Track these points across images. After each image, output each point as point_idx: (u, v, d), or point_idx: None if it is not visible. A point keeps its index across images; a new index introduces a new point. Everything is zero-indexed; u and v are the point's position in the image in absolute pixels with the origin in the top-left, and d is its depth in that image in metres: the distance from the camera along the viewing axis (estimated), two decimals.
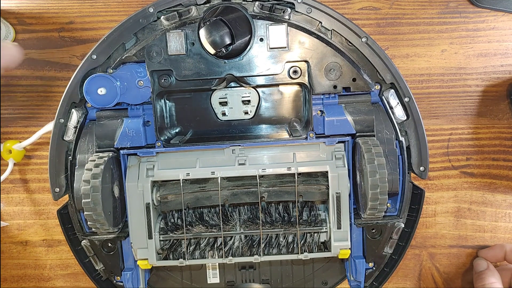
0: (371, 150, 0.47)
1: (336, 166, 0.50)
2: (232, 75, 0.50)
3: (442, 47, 0.61)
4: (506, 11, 0.60)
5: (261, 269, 0.58)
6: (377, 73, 0.50)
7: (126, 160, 0.52)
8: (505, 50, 0.61)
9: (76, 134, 0.51)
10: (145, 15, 0.49)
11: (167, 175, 0.51)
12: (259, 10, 0.49)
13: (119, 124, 0.51)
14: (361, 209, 0.51)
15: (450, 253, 0.63)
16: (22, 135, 0.62)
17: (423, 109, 0.61)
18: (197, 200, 0.52)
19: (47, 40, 0.61)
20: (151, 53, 0.49)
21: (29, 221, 0.63)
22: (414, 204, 0.52)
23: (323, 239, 0.52)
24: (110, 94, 0.50)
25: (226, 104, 0.54)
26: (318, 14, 0.49)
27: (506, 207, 0.63)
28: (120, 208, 0.52)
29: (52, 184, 0.52)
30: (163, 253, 0.53)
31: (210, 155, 0.52)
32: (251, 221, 0.52)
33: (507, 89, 0.61)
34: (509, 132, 0.62)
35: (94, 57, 0.50)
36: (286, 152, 0.52)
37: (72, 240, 0.53)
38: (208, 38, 0.48)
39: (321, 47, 0.50)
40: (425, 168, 0.51)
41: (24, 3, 0.61)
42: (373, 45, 0.49)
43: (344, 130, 0.51)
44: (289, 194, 0.52)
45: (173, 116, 0.54)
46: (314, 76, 0.50)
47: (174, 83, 0.51)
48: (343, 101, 0.51)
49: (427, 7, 0.60)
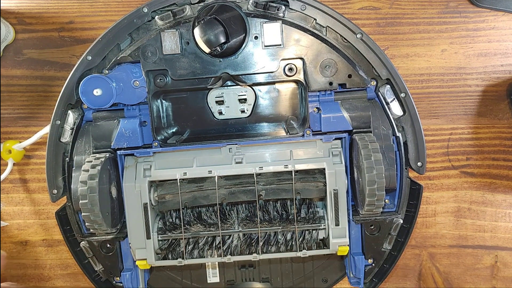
0: (368, 146, 0.47)
1: (333, 163, 0.50)
2: (227, 73, 0.50)
3: (442, 47, 0.61)
4: (506, 11, 0.59)
5: (261, 268, 0.58)
6: (372, 69, 0.50)
7: (123, 160, 0.52)
8: (505, 50, 0.61)
9: (72, 135, 0.52)
10: (140, 15, 0.49)
11: (164, 175, 0.51)
12: (253, 8, 0.49)
13: (115, 124, 0.51)
14: (359, 205, 0.51)
15: (450, 253, 0.63)
16: (22, 135, 0.62)
17: (423, 109, 0.61)
18: (195, 199, 0.52)
19: (47, 40, 0.61)
20: (146, 53, 0.49)
21: (29, 221, 0.64)
22: (413, 199, 0.52)
23: (321, 236, 0.52)
24: (106, 95, 0.50)
25: (222, 103, 0.54)
26: (313, 11, 0.49)
27: (506, 207, 0.62)
28: (118, 208, 0.52)
29: (49, 186, 0.52)
30: (162, 253, 0.53)
31: (207, 154, 0.52)
32: (249, 219, 0.52)
33: (507, 89, 0.61)
34: (509, 132, 0.62)
35: (89, 58, 0.50)
36: (283, 149, 0.52)
37: (71, 241, 0.53)
38: (202, 37, 0.48)
39: (316, 44, 0.50)
40: (422, 164, 0.51)
41: (24, 3, 0.61)
42: (368, 41, 0.49)
43: (341, 126, 0.51)
44: (287, 191, 0.52)
45: (169, 116, 0.54)
46: (309, 73, 0.50)
47: (169, 82, 0.51)
48: (339, 98, 0.51)
49: (427, 7, 0.60)
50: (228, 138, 0.51)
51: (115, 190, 0.52)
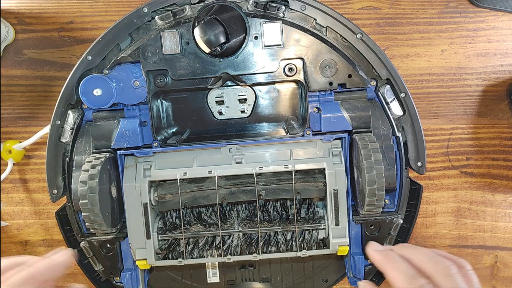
0: (367, 146, 0.47)
1: (333, 163, 0.50)
2: (227, 73, 0.50)
3: (442, 47, 0.61)
4: (506, 11, 0.59)
5: (261, 268, 0.58)
6: (372, 69, 0.50)
7: (123, 160, 0.52)
8: (505, 50, 0.61)
9: (72, 135, 0.52)
10: (140, 15, 0.49)
11: (164, 175, 0.51)
12: (253, 8, 0.49)
13: (115, 124, 0.51)
14: (359, 205, 0.51)
15: (450, 253, 0.63)
16: (22, 135, 0.62)
17: (423, 109, 0.61)
18: (195, 199, 0.52)
19: (47, 40, 0.61)
20: (146, 53, 0.49)
21: (29, 221, 0.63)
22: (413, 199, 0.52)
23: (321, 236, 0.52)
24: (106, 95, 0.50)
25: (222, 103, 0.54)
26: (313, 11, 0.49)
27: (506, 207, 0.62)
28: (118, 208, 0.52)
29: (49, 186, 0.52)
30: (162, 253, 0.53)
31: (207, 154, 0.52)
32: (249, 219, 0.52)
33: (507, 89, 0.61)
34: (509, 132, 0.61)
35: (89, 58, 0.50)
36: (283, 149, 0.52)
37: (71, 241, 0.53)
38: (202, 37, 0.48)
39: (316, 44, 0.50)
40: (422, 164, 0.51)
41: (24, 3, 0.61)
42: (368, 41, 0.49)
43: (341, 126, 0.51)
44: (287, 191, 0.52)
45: (169, 116, 0.54)
46: (309, 73, 0.50)
47: (169, 82, 0.50)
48: (339, 98, 0.51)
49: (427, 7, 0.60)
50: (228, 138, 0.51)
51: (115, 190, 0.52)
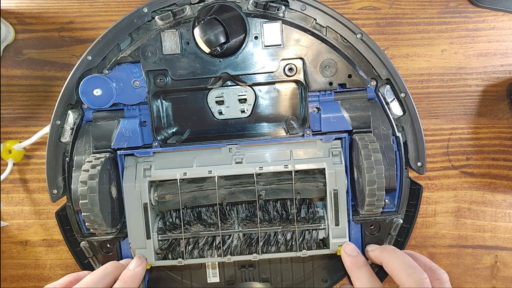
0: (367, 146, 0.47)
1: (333, 163, 0.50)
2: (227, 73, 0.50)
3: (442, 47, 0.61)
4: (506, 11, 0.59)
5: (261, 268, 0.58)
6: (372, 69, 0.50)
7: (123, 160, 0.52)
8: (505, 50, 0.61)
9: (72, 135, 0.52)
10: (140, 15, 0.49)
11: (164, 175, 0.51)
12: (253, 8, 0.49)
13: (115, 124, 0.51)
14: (359, 205, 0.51)
15: (450, 253, 0.63)
16: (22, 135, 0.62)
17: (423, 109, 0.61)
18: (195, 199, 0.52)
19: (47, 40, 0.61)
20: (146, 53, 0.49)
21: (29, 221, 0.63)
22: (413, 199, 0.52)
23: (321, 236, 0.52)
24: (106, 95, 0.50)
25: (222, 103, 0.54)
26: (313, 11, 0.49)
27: (506, 207, 0.62)
28: (118, 208, 0.52)
29: (49, 186, 0.52)
30: (162, 253, 0.53)
31: (207, 154, 0.52)
32: (249, 219, 0.52)
33: (507, 89, 0.61)
34: (509, 132, 0.61)
35: (89, 58, 0.50)
36: (283, 149, 0.52)
37: (71, 241, 0.53)
38: (202, 37, 0.48)
39: (316, 44, 0.50)
40: (422, 164, 0.51)
41: (24, 3, 0.61)
42: (368, 41, 0.49)
43: (341, 126, 0.51)
44: (287, 191, 0.52)
45: (169, 116, 0.54)
46: (309, 73, 0.50)
47: (169, 82, 0.50)
48: (339, 98, 0.51)
49: (427, 7, 0.60)
50: (228, 138, 0.51)
51: (115, 190, 0.52)
